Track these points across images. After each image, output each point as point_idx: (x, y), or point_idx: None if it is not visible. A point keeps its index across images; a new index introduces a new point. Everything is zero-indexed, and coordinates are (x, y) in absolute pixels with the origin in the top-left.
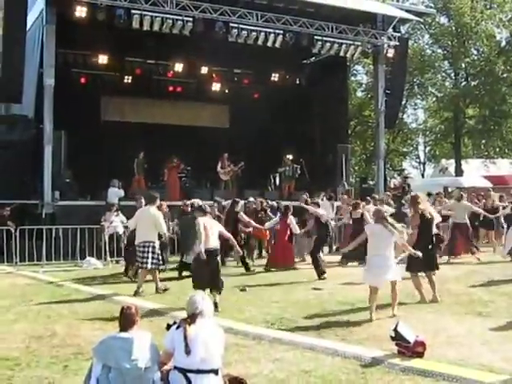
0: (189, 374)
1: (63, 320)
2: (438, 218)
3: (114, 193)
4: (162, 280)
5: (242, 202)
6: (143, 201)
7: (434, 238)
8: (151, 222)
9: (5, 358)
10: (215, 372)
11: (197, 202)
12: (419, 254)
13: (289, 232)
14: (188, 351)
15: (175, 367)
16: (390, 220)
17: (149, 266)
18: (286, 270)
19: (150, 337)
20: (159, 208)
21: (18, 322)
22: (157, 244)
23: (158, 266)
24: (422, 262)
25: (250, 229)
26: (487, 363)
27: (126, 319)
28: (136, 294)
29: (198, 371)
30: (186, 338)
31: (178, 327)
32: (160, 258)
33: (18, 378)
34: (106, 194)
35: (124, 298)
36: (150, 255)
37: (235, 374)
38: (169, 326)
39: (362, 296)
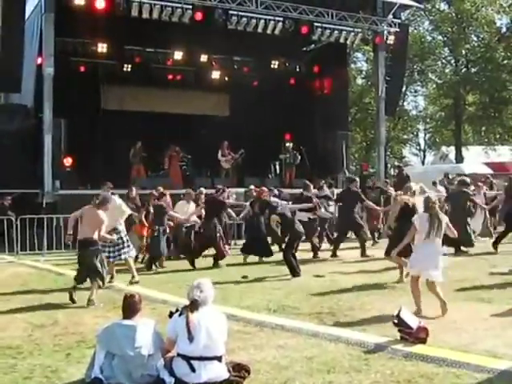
0: (192, 361)
1: (65, 308)
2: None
3: None
4: None
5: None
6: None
7: None
8: None
9: (7, 346)
10: (219, 359)
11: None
12: None
13: None
14: (191, 338)
15: (178, 354)
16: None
17: None
18: None
19: (154, 324)
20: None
21: (20, 310)
22: None
23: None
24: None
25: None
26: (490, 349)
27: (129, 307)
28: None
29: (202, 358)
30: (188, 325)
31: (180, 314)
32: None
33: (21, 367)
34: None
35: (126, 287)
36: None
37: (238, 361)
38: (171, 314)
39: (364, 283)
